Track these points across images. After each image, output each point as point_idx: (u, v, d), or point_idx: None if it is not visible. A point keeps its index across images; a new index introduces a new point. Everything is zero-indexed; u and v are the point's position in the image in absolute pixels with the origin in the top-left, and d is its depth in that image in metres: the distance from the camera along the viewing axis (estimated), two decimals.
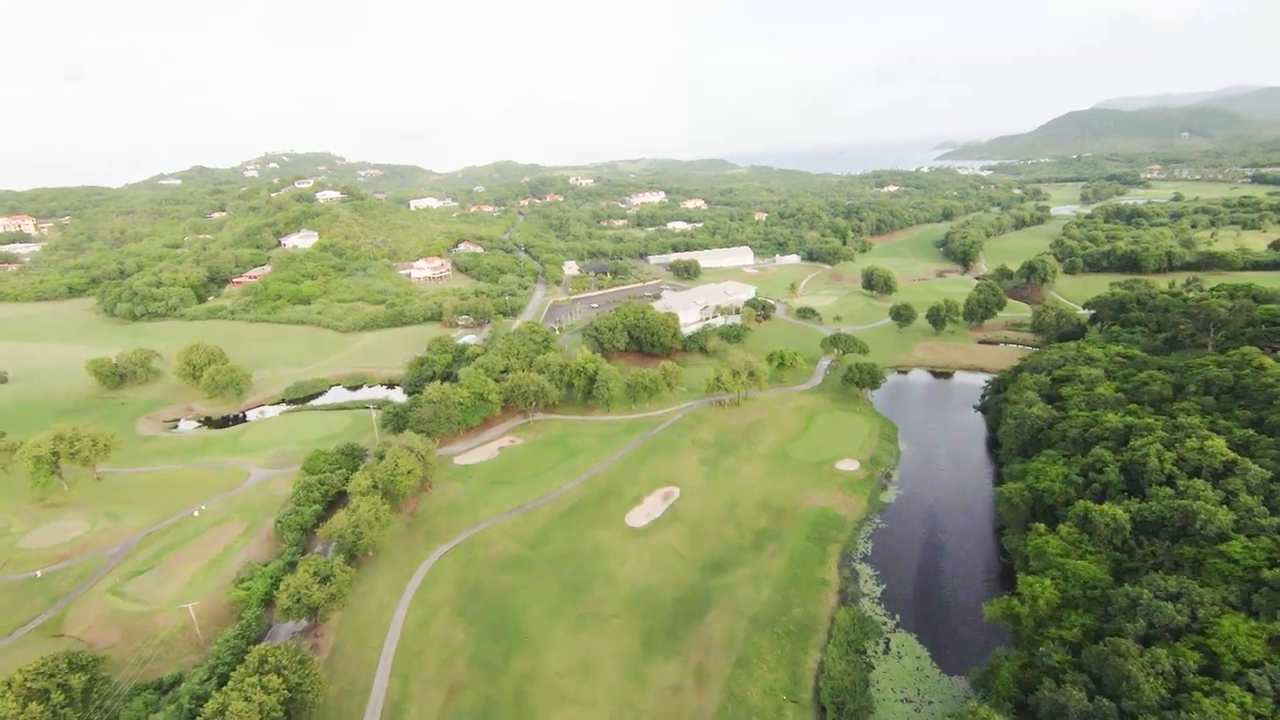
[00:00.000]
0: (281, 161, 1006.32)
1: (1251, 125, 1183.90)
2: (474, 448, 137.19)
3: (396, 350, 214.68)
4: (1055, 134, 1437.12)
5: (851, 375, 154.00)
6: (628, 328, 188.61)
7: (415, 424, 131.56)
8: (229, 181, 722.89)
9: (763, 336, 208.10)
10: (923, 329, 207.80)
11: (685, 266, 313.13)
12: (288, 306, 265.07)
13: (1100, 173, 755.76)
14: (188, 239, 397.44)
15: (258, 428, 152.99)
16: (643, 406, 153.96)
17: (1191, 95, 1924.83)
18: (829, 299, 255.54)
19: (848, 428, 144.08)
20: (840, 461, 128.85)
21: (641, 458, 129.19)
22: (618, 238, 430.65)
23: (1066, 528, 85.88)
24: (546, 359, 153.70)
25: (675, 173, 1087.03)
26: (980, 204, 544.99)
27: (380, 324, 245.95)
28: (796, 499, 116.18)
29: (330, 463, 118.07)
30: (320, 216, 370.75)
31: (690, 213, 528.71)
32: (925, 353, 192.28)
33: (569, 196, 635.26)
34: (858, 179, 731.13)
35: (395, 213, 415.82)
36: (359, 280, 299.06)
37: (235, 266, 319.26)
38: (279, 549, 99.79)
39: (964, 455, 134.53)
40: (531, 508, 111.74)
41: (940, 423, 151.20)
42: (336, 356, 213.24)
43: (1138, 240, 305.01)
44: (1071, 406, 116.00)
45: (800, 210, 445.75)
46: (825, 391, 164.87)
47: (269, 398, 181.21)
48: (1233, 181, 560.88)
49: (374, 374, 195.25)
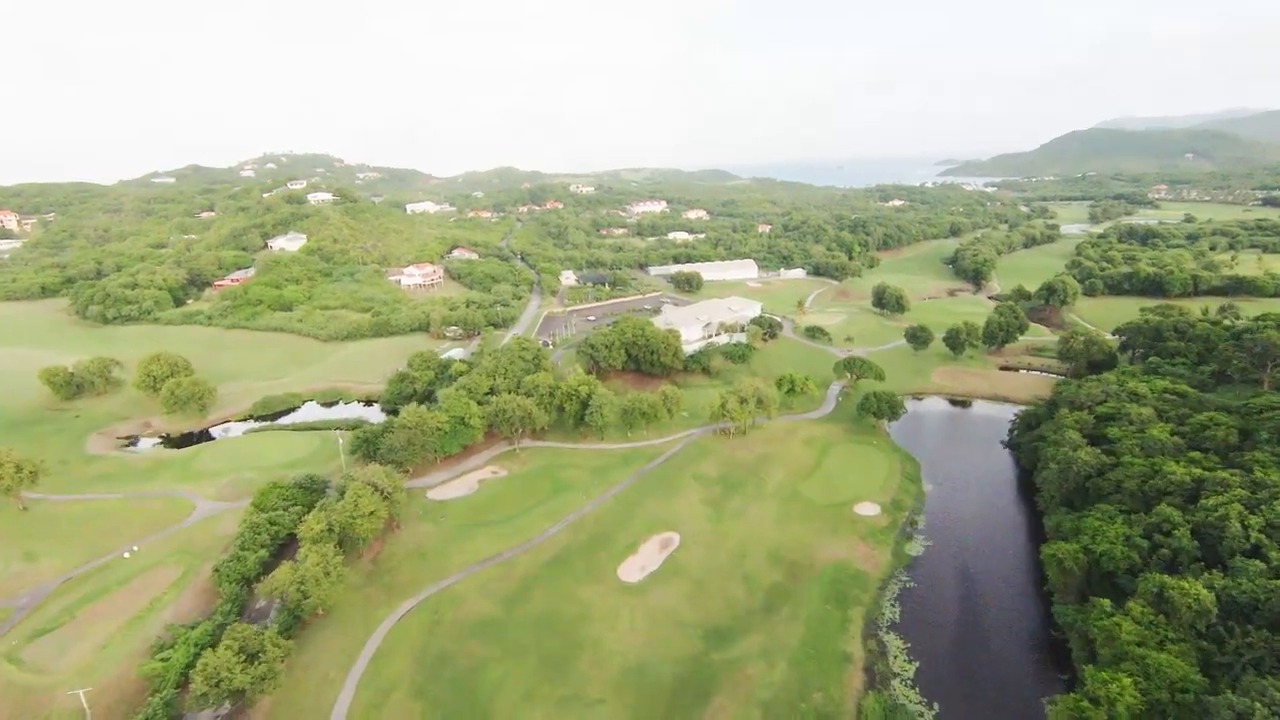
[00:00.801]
0: (279, 162, 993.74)
1: (1254, 148, 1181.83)
2: (451, 479, 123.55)
3: (379, 363, 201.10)
4: (1058, 152, 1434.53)
5: (869, 405, 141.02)
6: (625, 345, 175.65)
7: (386, 452, 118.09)
8: (223, 181, 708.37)
9: (769, 357, 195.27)
10: (939, 353, 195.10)
11: (687, 279, 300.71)
12: (268, 313, 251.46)
13: (1106, 192, 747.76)
14: (173, 239, 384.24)
15: (215, 450, 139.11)
16: (640, 434, 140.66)
17: (1192, 117, 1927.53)
18: (838, 317, 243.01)
19: (865, 463, 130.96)
20: (859, 504, 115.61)
21: (637, 496, 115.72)
22: (617, 247, 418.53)
23: (1139, 607, 72.57)
24: (535, 380, 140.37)
25: (676, 182, 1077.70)
26: (987, 221, 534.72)
27: (364, 334, 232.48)
28: (812, 550, 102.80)
29: (285, 498, 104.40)
30: (310, 219, 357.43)
31: (692, 223, 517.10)
32: (944, 379, 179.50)
33: (569, 204, 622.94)
34: (862, 193, 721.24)
35: (389, 216, 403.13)
36: (345, 286, 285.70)
37: (218, 269, 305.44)
38: (214, 604, 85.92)
39: (995, 499, 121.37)
40: (510, 556, 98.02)
41: (965, 460, 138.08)
42: (314, 368, 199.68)
43: (1157, 262, 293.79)
44: (1123, 452, 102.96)
45: (805, 223, 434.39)
46: (838, 420, 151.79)
47: (235, 413, 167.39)
48: (1244, 204, 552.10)
49: (351, 389, 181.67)
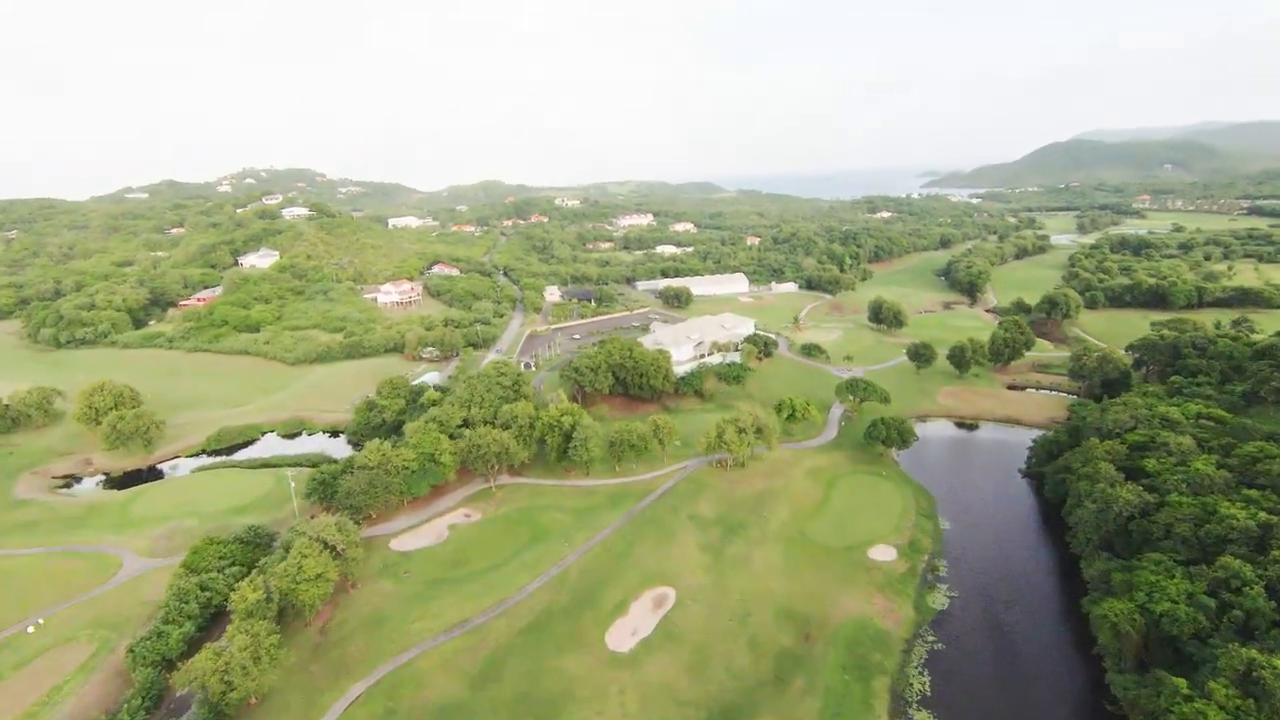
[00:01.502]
0: (259, 177, 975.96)
1: (1230, 159, 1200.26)
2: (418, 524, 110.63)
3: (348, 388, 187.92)
4: (1039, 164, 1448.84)
5: (877, 433, 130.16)
6: (612, 368, 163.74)
7: (344, 497, 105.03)
8: (199, 196, 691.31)
9: (765, 377, 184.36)
10: (943, 371, 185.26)
11: (676, 294, 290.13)
12: (232, 334, 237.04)
13: (1091, 202, 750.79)
14: (139, 256, 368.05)
15: (156, 493, 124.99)
16: (629, 468, 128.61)
17: (1167, 129, 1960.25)
18: (834, 333, 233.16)
19: (875, 498, 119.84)
20: (873, 548, 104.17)
21: (627, 542, 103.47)
22: (604, 261, 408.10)
23: (1222, 689, 61.44)
24: (514, 410, 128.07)
25: (663, 195, 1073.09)
26: (976, 232, 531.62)
27: (334, 355, 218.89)
28: (825, 604, 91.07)
29: (222, 555, 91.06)
30: (283, 234, 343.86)
31: (679, 236, 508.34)
32: (950, 400, 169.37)
33: (554, 217, 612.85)
34: (849, 204, 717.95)
35: (366, 231, 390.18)
36: (318, 305, 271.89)
37: (183, 288, 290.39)
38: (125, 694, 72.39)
39: (1021, 539, 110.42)
40: (482, 622, 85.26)
41: (982, 491, 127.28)
42: (278, 395, 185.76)
43: (1155, 273, 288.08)
44: (1167, 489, 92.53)
45: (795, 235, 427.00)
46: (843, 448, 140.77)
47: (187, 447, 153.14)
48: (1229, 213, 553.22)
49: (315, 418, 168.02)
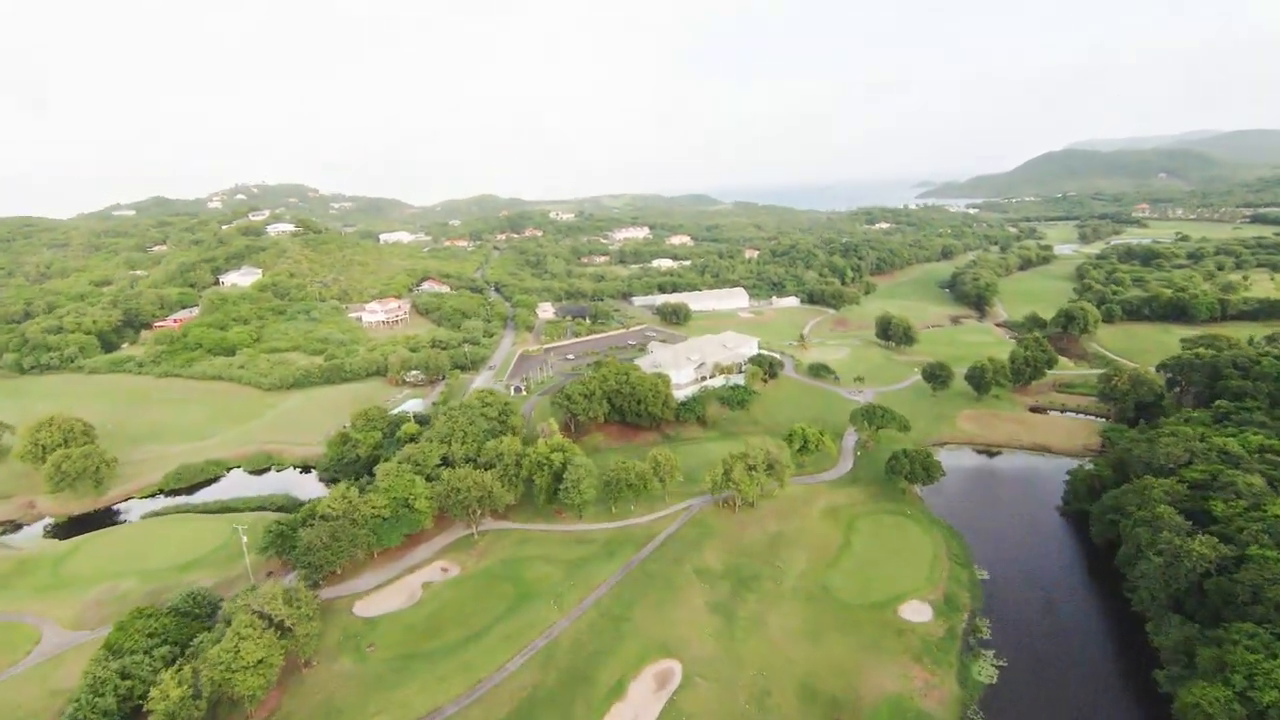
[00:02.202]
0: (250, 193, 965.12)
1: (1225, 167, 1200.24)
2: (389, 581, 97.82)
3: (324, 416, 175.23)
4: (1034, 173, 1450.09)
5: (899, 467, 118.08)
6: (607, 394, 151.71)
7: (304, 552, 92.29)
8: (187, 213, 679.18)
9: (771, 401, 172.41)
10: (961, 392, 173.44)
11: (674, 310, 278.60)
12: (206, 358, 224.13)
13: (1089, 211, 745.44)
14: (118, 275, 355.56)
15: (97, 544, 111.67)
16: (626, 509, 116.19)
17: (1159, 138, 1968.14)
18: (841, 351, 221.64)
19: (901, 542, 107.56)
20: (904, 605, 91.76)
21: (625, 604, 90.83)
22: (599, 276, 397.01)
23: None
24: (499, 446, 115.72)
25: (658, 208, 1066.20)
26: (977, 242, 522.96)
27: (313, 380, 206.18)
28: (855, 679, 78.55)
29: (152, 632, 78.07)
30: (266, 251, 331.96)
31: (676, 249, 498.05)
32: (971, 424, 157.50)
33: (548, 231, 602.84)
34: (847, 216, 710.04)
35: (354, 248, 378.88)
36: (299, 325, 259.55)
37: (159, 308, 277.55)
38: None
39: (1068, 591, 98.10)
40: (454, 712, 72.38)
41: (1017, 532, 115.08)
42: (248, 426, 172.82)
43: (1171, 283, 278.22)
44: (1246, 539, 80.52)
45: (794, 248, 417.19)
46: (860, 482, 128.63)
47: (142, 488, 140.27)
48: (1232, 221, 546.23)
49: (286, 452, 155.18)
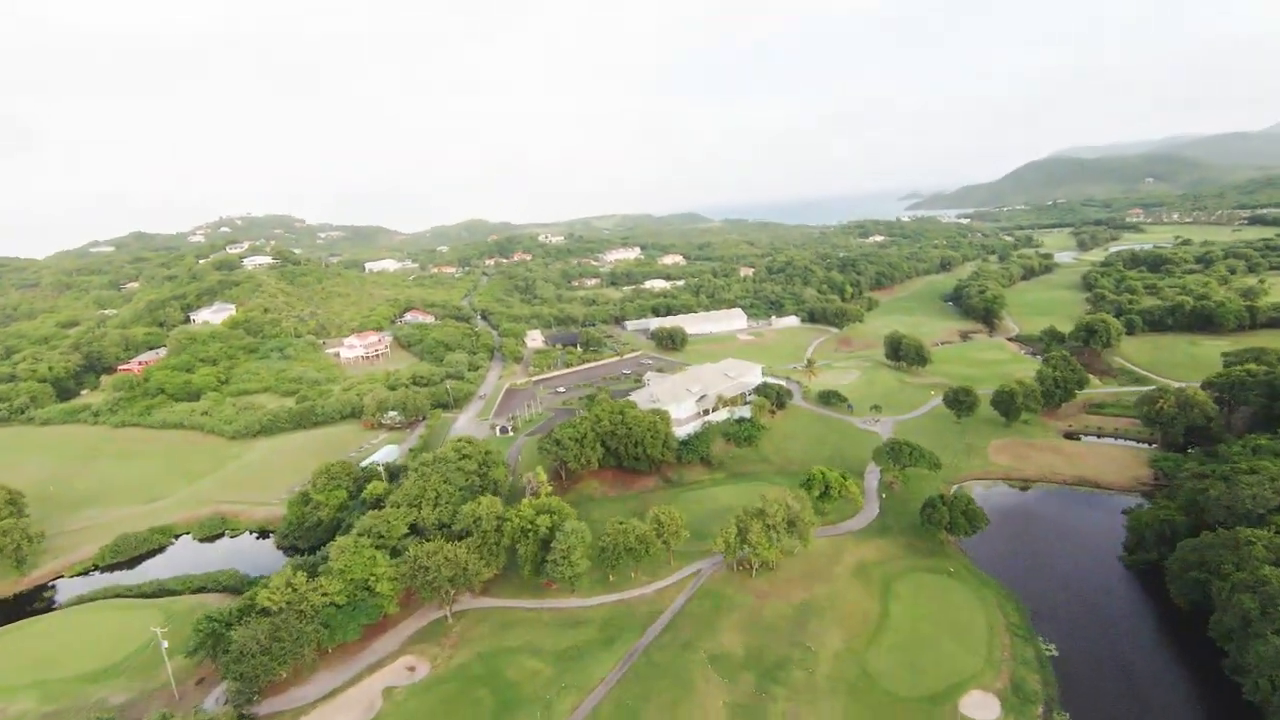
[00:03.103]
0: (234, 225, 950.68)
1: (1211, 170, 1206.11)
2: (343, 687, 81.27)
3: (293, 467, 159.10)
4: (1021, 182, 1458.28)
5: (938, 517, 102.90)
6: (601, 437, 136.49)
7: (236, 660, 75.98)
8: (168, 248, 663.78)
9: (781, 434, 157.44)
10: (986, 418, 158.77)
11: (669, 335, 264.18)
12: (167, 404, 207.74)
13: (1081, 218, 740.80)
14: (86, 315, 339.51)
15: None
16: (626, 577, 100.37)
17: (1143, 143, 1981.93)
18: (850, 374, 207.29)
19: (949, 609, 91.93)
20: (965, 695, 75.92)
21: (629, 711, 74.67)
22: (590, 299, 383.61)
23: None
24: (476, 509, 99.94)
25: (649, 227, 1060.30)
26: (974, 252, 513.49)
27: (282, 425, 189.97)
28: None
29: None
30: (240, 286, 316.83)
31: (669, 269, 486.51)
32: (1004, 456, 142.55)
33: (538, 255, 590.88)
34: (840, 230, 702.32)
35: (334, 279, 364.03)
36: (272, 364, 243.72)
37: (123, 350, 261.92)
38: None
39: (1153, 669, 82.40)
40: None
41: (1079, 590, 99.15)
42: (205, 482, 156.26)
43: (1186, 289, 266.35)
44: None
45: (790, 264, 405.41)
46: (889, 532, 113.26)
47: (74, 564, 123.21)
48: (1229, 224, 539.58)
49: (244, 514, 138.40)
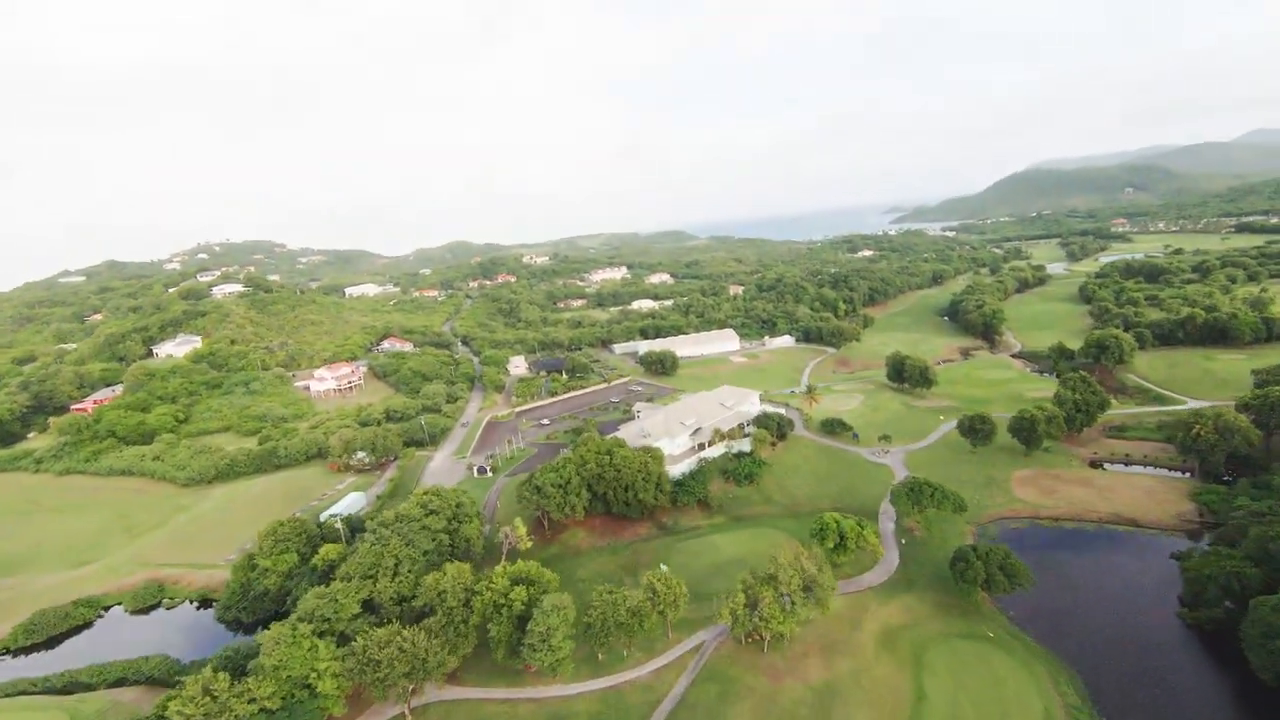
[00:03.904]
0: (212, 252, 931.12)
1: (1189, 179, 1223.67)
2: None
3: (248, 519, 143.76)
4: (1003, 194, 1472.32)
5: (972, 574, 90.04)
6: (587, 481, 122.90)
7: None
8: (141, 276, 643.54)
9: (783, 469, 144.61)
10: (1004, 446, 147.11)
11: (659, 359, 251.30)
12: (117, 449, 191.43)
13: (1067, 228, 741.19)
14: (44, 350, 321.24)
15: None
16: (617, 655, 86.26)
17: (1117, 155, 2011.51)
18: (853, 399, 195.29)
19: (993, 685, 78.77)
20: None
21: None
22: (576, 321, 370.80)
23: None
24: (440, 582, 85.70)
25: (636, 246, 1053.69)
26: (965, 265, 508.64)
27: (241, 470, 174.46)
28: None
29: None
30: (206, 316, 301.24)
31: (656, 288, 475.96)
32: (1029, 489, 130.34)
33: (522, 276, 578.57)
34: (828, 245, 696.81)
35: (308, 306, 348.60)
36: (236, 400, 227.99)
37: (77, 388, 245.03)
38: None
39: None
40: None
41: (1136, 655, 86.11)
42: (148, 539, 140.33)
43: (1188, 299, 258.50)
44: None
45: (781, 281, 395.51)
46: (914, 587, 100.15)
47: None
48: (1217, 232, 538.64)
49: (184, 579, 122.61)
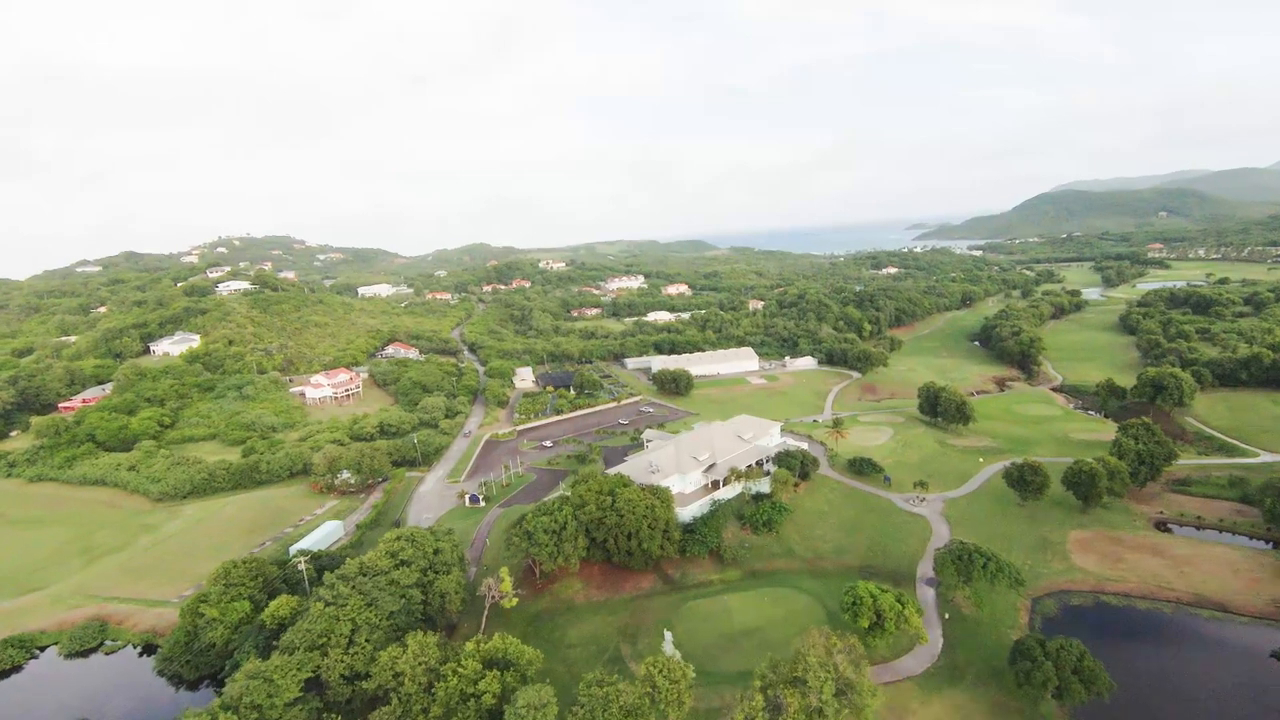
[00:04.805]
0: (232, 246, 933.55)
1: (1224, 205, 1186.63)
2: None
3: (216, 544, 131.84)
4: (1030, 214, 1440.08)
5: (1040, 676, 74.33)
6: (585, 526, 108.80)
7: None
8: (158, 269, 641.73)
9: (806, 516, 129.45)
10: (1058, 499, 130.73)
11: (673, 378, 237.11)
12: (94, 455, 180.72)
13: (1100, 252, 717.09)
14: (42, 343, 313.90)
15: None
16: None
17: (1147, 179, 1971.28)
18: (881, 433, 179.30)
19: None
20: None
21: None
22: (589, 332, 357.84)
23: None
24: (398, 660, 71.74)
25: (655, 254, 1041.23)
26: (995, 287, 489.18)
27: (218, 485, 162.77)
28: None
29: None
30: (207, 314, 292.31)
31: (673, 300, 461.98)
32: (1090, 556, 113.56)
33: (537, 282, 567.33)
34: (852, 260, 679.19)
35: (314, 307, 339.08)
36: (227, 405, 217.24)
37: (67, 385, 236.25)
38: None
39: None
40: None
41: None
42: (105, 563, 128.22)
43: (1242, 333, 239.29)
44: None
45: (803, 298, 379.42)
46: (964, 678, 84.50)
47: None
48: (1263, 261, 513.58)
49: (131, 617, 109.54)
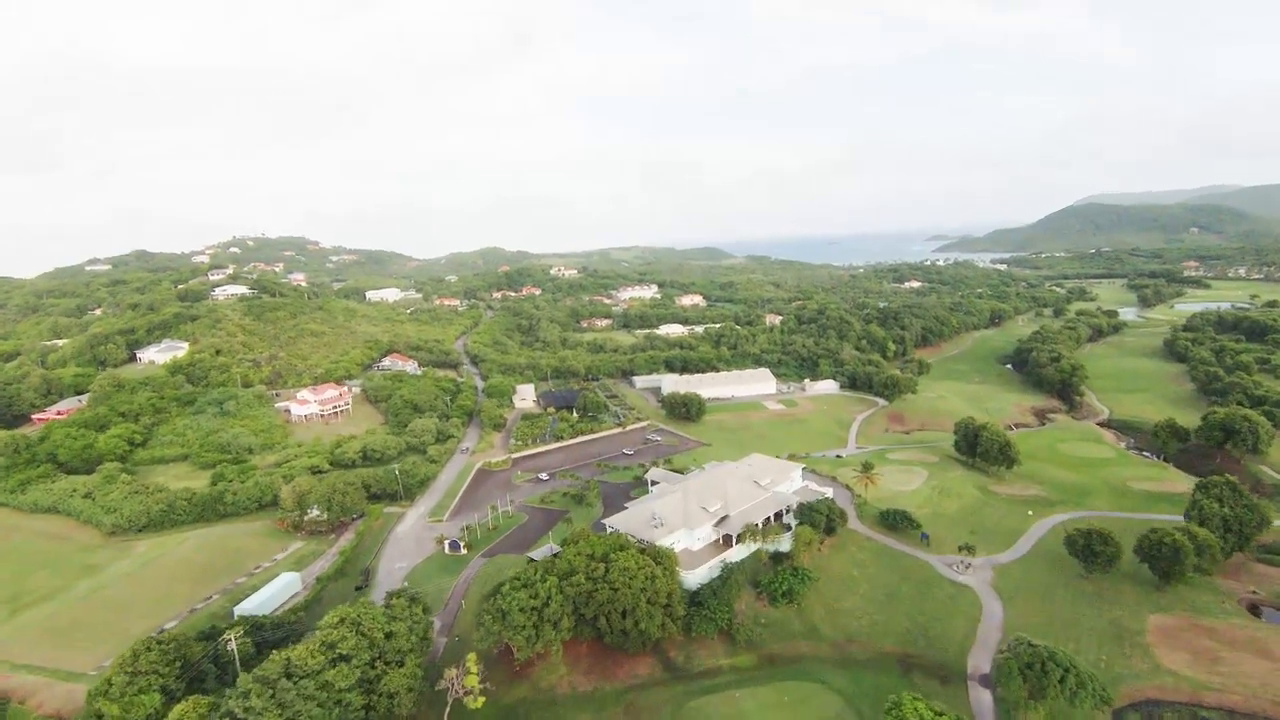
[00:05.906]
0: (246, 246, 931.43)
1: (1260, 221, 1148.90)
2: None
3: (161, 594, 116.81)
4: (1055, 227, 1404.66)
5: None
6: (574, 601, 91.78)
7: None
8: (168, 268, 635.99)
9: (834, 583, 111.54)
10: (1127, 572, 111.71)
11: (683, 403, 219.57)
12: (50, 479, 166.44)
13: (1132, 268, 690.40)
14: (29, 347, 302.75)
15: None
16: None
17: (1176, 193, 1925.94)
18: (915, 476, 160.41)
19: None
20: None
21: None
22: (597, 346, 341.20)
23: None
24: None
25: (670, 261, 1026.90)
26: (1025, 304, 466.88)
27: (178, 518, 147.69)
28: None
29: None
30: (198, 321, 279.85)
31: (687, 312, 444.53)
32: (1177, 653, 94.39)
33: (547, 289, 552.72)
34: (872, 272, 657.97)
35: (312, 314, 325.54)
36: (205, 422, 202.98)
37: (43, 395, 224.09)
38: None
39: None
40: None
41: None
42: (28, 616, 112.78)
43: None
44: None
45: (823, 314, 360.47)
46: None
47: None
48: None
49: (38, 694, 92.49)
